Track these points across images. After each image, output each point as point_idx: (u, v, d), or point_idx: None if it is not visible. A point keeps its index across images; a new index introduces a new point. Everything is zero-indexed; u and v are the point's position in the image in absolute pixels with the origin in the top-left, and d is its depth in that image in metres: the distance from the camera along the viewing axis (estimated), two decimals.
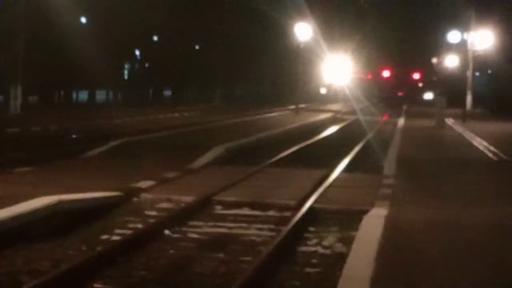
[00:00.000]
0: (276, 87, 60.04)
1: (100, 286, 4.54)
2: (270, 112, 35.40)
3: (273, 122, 25.78)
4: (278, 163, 12.56)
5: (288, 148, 15.27)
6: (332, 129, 25.28)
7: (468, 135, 19.54)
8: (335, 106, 43.55)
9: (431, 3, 57.46)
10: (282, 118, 30.16)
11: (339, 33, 48.57)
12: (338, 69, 45.37)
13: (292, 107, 36.07)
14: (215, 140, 14.99)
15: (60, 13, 28.41)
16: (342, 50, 46.87)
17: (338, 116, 34.61)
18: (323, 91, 53.04)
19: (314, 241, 6.17)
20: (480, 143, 16.68)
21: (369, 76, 67.72)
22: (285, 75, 50.57)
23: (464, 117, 25.82)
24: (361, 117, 30.83)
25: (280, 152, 14.22)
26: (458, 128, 22.92)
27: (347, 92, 47.89)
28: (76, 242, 5.83)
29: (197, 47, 52.10)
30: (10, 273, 4.72)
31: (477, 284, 4.18)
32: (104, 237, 6.10)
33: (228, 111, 34.54)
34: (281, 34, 43.09)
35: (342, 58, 46.38)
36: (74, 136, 18.44)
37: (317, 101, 47.87)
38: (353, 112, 36.50)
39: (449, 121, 25.80)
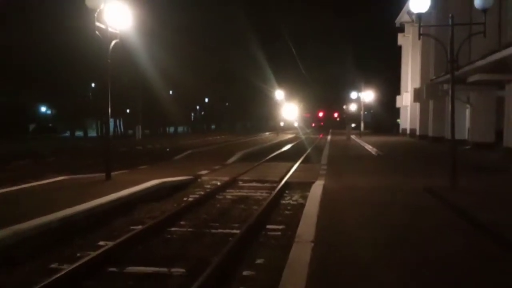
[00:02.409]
0: (258, 121, 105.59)
1: (184, 222, 8.33)
2: (263, 134, 61.23)
3: (265, 139, 45.19)
4: (269, 160, 20.76)
5: (274, 152, 25.76)
6: (294, 142, 39.74)
7: (362, 143, 32.90)
8: (291, 132, 67.90)
9: (342, 75, 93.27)
10: (269, 137, 51.79)
11: (294, 93, 75.99)
12: (291, 112, 70.96)
13: (267, 133, 64.85)
14: (237, 149, 25.70)
15: (159, 86, 47.91)
16: (295, 102, 74.15)
17: (296, 135, 54.46)
18: (282, 124, 76.92)
19: (288, 197, 11.02)
20: (367, 147, 28.15)
21: (307, 115, 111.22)
22: (264, 116, 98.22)
23: (360, 134, 46.36)
24: (308, 136, 52.45)
25: (270, 154, 23.73)
26: (357, 140, 38.50)
27: (295, 124, 79.51)
28: (170, 202, 10.38)
29: (226, 103, 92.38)
30: (138, 218, 8.68)
31: (370, 204, 9.14)
32: (185, 199, 10.78)
33: (242, 135, 56.76)
34: (267, 95, 70.25)
35: (294, 106, 72.80)
36: (167, 149, 29.58)
37: (280, 129, 68.32)
38: (302, 134, 57.73)
39: (353, 136, 42.16)
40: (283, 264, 5.09)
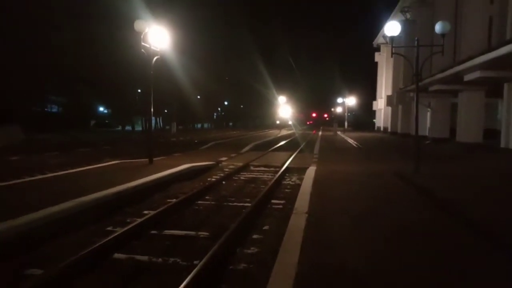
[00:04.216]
0: (262, 120, 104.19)
1: (208, 197, 8.37)
2: (269, 130, 60.24)
3: (271, 134, 44.58)
4: (274, 150, 20.49)
5: (278, 143, 25.38)
6: (293, 136, 37.59)
7: (346, 137, 32.81)
8: (288, 128, 66.00)
9: (331, 84, 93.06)
10: (273, 132, 49.56)
11: (293, 97, 74.73)
12: (287, 112, 65.43)
13: (271, 130, 59.57)
14: (250, 141, 26.40)
15: (190, 92, 47.92)
16: (293, 104, 72.77)
17: (294, 131, 53.60)
18: (278, 122, 76.34)
19: (288, 179, 10.98)
20: (350, 141, 27.92)
21: (301, 115, 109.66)
22: (267, 115, 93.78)
23: (344, 131, 47.51)
24: (304, 132, 54.95)
25: (275, 145, 23.61)
26: (342, 135, 38.20)
27: (290, 122, 74.02)
28: (197, 181, 10.39)
29: (241, 106, 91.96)
30: (175, 193, 8.68)
31: (351, 184, 8.94)
32: (208, 179, 10.74)
33: (253, 130, 60.26)
34: (271, 100, 69.46)
35: (291, 108, 68.75)
36: (196, 141, 28.97)
37: (281, 126, 67.72)
38: (299, 130, 60.21)
39: (339, 132, 43.22)
40: (285, 230, 5.11)
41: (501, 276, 3.81)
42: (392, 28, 10.23)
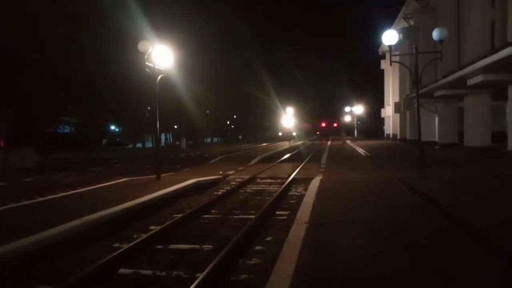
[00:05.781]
0: (269, 131, 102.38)
1: (214, 211, 8.54)
2: (278, 142, 56.33)
3: (280, 146, 42.06)
4: (281, 162, 20.75)
5: (286, 155, 26.16)
6: (302, 147, 37.10)
7: (354, 146, 32.71)
8: (293, 140, 60.84)
9: (339, 93, 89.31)
10: (283, 144, 46.69)
11: (301, 108, 74.28)
12: (290, 122, 61.06)
13: (276, 142, 57.90)
14: (257, 154, 26.08)
15: (198, 107, 48.57)
16: (300, 115, 73.63)
17: (303, 142, 52.86)
18: (280, 133, 75.00)
19: (293, 190, 11.19)
20: (358, 149, 27.71)
21: (309, 125, 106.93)
22: (273, 127, 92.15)
23: (353, 139, 48.72)
24: (312, 142, 53.16)
25: (282, 157, 24.04)
26: (351, 144, 37.81)
27: (294, 134, 63.79)
28: (205, 196, 10.57)
29: (250, 119, 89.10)
30: (181, 208, 8.87)
31: (353, 193, 8.93)
32: (215, 193, 10.87)
33: (260, 142, 57.81)
34: (275, 112, 67.64)
35: (298, 118, 67.94)
36: (206, 155, 29.79)
37: (279, 138, 67.98)
38: (308, 141, 59.95)
39: (348, 141, 42.60)
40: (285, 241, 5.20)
41: (482, 272, 3.85)
42: (390, 37, 10.37)
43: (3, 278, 4.70)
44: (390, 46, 10.70)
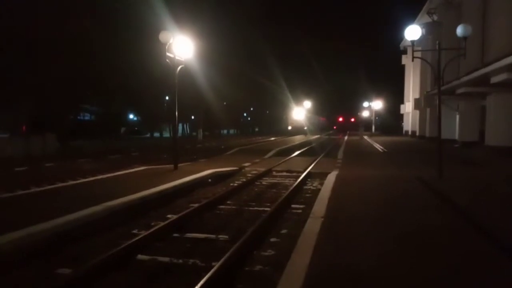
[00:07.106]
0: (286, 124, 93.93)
1: (229, 202, 8.63)
2: (292, 136, 52.33)
3: (295, 139, 40.72)
4: (297, 155, 20.60)
5: (301, 149, 24.93)
6: (316, 142, 36.12)
7: (371, 142, 32.22)
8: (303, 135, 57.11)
9: (358, 88, 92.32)
10: (299, 138, 44.96)
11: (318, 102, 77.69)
12: (301, 114, 59.54)
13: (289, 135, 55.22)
14: (273, 147, 25.70)
15: (216, 99, 46.95)
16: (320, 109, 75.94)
17: (319, 136, 50.97)
18: (290, 127, 70.27)
19: (309, 184, 11.18)
20: (375, 145, 27.37)
21: (323, 119, 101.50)
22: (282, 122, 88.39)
23: (371, 135, 46.67)
24: (329, 137, 51.13)
25: (297, 151, 23.24)
26: (368, 139, 37.58)
27: (305, 128, 58.90)
28: (220, 186, 10.72)
29: (267, 111, 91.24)
30: (197, 198, 8.96)
31: (369, 189, 8.88)
32: (231, 184, 10.98)
33: (274, 135, 56.48)
34: (288, 106, 66.57)
35: (308, 112, 63.90)
36: (222, 147, 29.73)
37: (289, 132, 64.77)
38: (325, 135, 56.87)
39: (365, 137, 42.07)
40: (300, 234, 5.24)
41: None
42: (413, 32, 10.20)
43: (24, 262, 4.87)
44: (412, 41, 10.52)
